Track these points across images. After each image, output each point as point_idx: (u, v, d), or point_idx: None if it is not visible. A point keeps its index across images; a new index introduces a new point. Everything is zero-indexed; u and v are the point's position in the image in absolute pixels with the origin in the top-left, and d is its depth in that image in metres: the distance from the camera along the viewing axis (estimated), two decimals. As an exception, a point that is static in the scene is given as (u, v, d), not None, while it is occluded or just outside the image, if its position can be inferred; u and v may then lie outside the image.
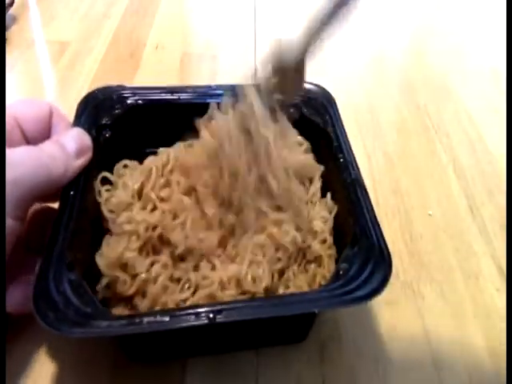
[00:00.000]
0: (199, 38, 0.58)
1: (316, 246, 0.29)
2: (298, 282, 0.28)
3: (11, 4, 0.56)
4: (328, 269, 0.29)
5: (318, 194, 0.32)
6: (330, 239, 0.30)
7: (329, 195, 0.32)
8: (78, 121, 0.30)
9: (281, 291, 0.28)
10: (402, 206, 0.39)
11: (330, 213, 0.31)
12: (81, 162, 0.27)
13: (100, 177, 0.30)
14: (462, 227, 0.38)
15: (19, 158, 0.24)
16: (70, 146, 0.27)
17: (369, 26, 0.62)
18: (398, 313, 0.32)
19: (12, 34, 0.55)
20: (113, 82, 0.34)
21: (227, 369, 0.29)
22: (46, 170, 0.25)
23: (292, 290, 0.28)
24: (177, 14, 0.62)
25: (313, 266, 0.29)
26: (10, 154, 0.24)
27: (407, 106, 0.49)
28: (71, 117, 0.30)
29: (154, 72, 0.51)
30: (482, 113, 0.49)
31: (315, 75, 0.35)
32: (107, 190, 0.30)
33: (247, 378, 0.28)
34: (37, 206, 0.29)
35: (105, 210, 0.29)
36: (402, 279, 0.34)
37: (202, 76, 0.52)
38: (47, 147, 0.26)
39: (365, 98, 0.50)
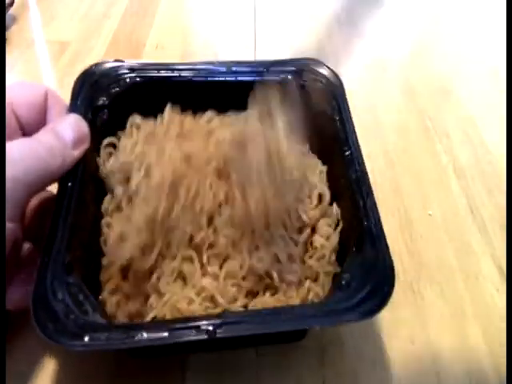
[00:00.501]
0: (199, 38, 0.58)
1: (313, 263, 0.28)
2: (289, 293, 0.27)
3: (11, 4, 0.56)
4: (323, 286, 0.27)
5: (326, 202, 0.30)
6: (329, 255, 0.28)
7: (335, 206, 0.30)
8: (75, 102, 0.29)
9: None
10: (402, 206, 0.39)
11: (336, 227, 0.29)
12: (79, 152, 0.26)
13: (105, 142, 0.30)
14: (462, 227, 0.38)
15: (18, 155, 0.23)
16: (67, 135, 0.26)
17: (369, 27, 0.62)
18: (398, 313, 0.32)
19: (12, 34, 0.55)
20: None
21: (228, 371, 0.29)
22: (45, 164, 0.24)
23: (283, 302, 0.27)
24: (177, 14, 0.62)
25: (308, 281, 0.27)
26: (8, 150, 0.23)
27: (407, 106, 0.49)
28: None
29: (154, 72, 0.51)
30: (481, 113, 0.49)
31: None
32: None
33: (248, 378, 0.28)
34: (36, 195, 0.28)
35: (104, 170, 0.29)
36: (402, 279, 0.34)
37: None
38: (44, 138, 0.25)
39: (365, 98, 0.50)
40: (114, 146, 0.31)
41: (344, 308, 0.23)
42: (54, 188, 0.27)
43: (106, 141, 0.30)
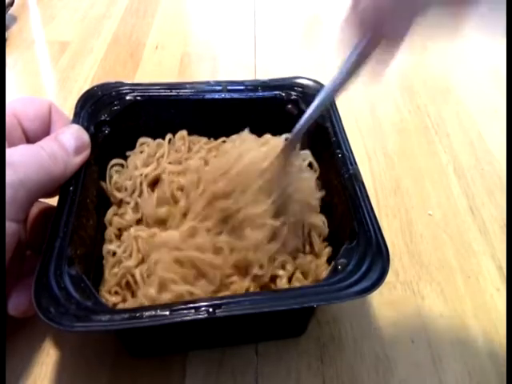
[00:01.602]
0: (199, 37, 0.58)
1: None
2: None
3: (11, 4, 0.56)
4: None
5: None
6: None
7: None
8: (77, 117, 0.30)
9: None
10: (402, 205, 0.39)
11: None
12: (80, 159, 0.27)
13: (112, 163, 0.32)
14: (462, 227, 0.38)
15: (20, 158, 0.24)
16: (69, 144, 0.27)
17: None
18: (398, 313, 0.32)
19: (12, 34, 0.55)
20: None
21: (227, 369, 0.29)
22: (47, 169, 0.25)
23: None
24: (177, 14, 0.62)
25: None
26: (11, 154, 0.23)
27: (407, 106, 0.50)
28: (71, 117, 0.30)
29: (154, 72, 0.51)
30: (481, 113, 0.49)
31: (314, 75, 0.35)
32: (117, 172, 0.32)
33: (247, 377, 0.28)
34: (36, 205, 0.29)
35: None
36: (402, 279, 0.34)
37: (201, 76, 0.52)
38: (47, 145, 0.26)
39: (365, 98, 0.50)
40: (121, 165, 0.33)
41: (341, 287, 0.23)
42: (53, 201, 0.27)
43: (114, 161, 0.32)
